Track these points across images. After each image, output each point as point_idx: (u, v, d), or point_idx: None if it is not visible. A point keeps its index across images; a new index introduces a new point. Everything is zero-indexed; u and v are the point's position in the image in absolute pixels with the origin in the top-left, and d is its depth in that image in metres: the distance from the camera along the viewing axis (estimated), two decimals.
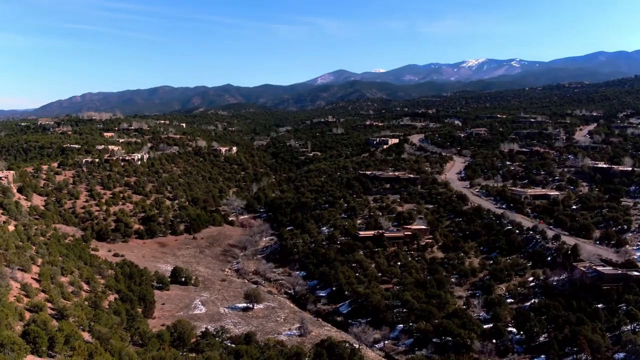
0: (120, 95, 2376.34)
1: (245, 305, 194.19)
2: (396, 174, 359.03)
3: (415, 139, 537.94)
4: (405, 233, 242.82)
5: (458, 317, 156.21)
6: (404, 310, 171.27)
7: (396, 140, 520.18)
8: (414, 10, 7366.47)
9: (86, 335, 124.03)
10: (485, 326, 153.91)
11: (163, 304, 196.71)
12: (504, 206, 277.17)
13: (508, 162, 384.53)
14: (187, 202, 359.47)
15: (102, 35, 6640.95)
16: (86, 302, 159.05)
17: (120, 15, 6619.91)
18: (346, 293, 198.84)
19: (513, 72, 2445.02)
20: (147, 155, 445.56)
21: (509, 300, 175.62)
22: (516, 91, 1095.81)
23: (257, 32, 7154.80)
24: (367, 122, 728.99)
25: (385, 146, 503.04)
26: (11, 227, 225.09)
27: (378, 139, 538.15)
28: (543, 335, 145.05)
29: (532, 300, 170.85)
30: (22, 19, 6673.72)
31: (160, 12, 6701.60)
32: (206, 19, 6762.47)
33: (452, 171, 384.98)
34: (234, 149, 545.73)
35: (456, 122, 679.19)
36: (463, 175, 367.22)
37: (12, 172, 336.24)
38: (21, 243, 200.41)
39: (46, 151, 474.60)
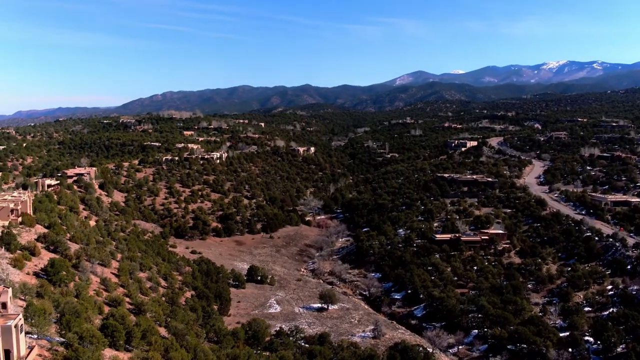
0: (200, 94, 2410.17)
1: (320, 305, 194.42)
2: (474, 177, 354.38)
3: (494, 141, 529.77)
4: (482, 237, 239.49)
5: (534, 324, 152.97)
6: (479, 315, 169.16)
7: (475, 143, 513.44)
8: (494, 10, 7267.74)
9: (163, 331, 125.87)
10: (561, 334, 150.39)
11: (239, 302, 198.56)
12: (583, 212, 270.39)
13: (588, 167, 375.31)
14: (265, 202, 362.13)
15: (183, 35, 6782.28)
16: (163, 298, 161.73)
17: (201, 16, 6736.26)
18: (421, 296, 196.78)
19: (595, 75, 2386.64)
20: (226, 154, 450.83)
21: (586, 309, 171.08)
22: (598, 94, 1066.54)
23: (336, 33, 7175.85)
24: (446, 124, 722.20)
25: (463, 149, 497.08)
26: (92, 223, 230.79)
27: (456, 141, 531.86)
28: (621, 346, 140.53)
29: (611, 310, 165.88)
30: (107, 19, 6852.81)
31: (241, 13, 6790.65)
32: (286, 19, 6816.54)
33: (531, 175, 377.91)
34: (312, 149, 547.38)
35: (536, 125, 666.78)
36: (542, 179, 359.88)
37: (94, 168, 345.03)
38: (102, 238, 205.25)
39: (127, 148, 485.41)
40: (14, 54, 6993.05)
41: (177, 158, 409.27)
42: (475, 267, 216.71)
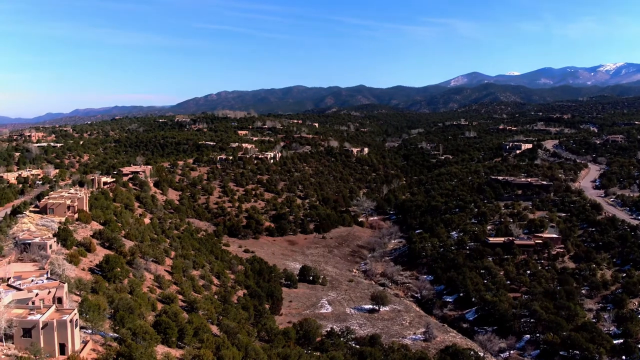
0: (254, 94, 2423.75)
1: (371, 306, 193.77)
2: (529, 180, 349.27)
3: (549, 144, 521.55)
4: (536, 241, 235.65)
5: (587, 331, 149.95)
6: (532, 320, 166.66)
7: (529, 146, 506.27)
8: (549, 11, 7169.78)
9: (214, 329, 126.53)
10: (615, 341, 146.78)
11: (290, 301, 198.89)
12: (639, 217, 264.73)
13: None
14: (318, 202, 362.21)
15: (238, 35, 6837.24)
16: (216, 296, 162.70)
17: (256, 16, 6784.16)
18: (473, 300, 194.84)
19: None
20: (280, 154, 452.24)
21: None
22: None
23: (390, 34, 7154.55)
24: (500, 126, 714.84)
25: (518, 151, 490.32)
26: (147, 220, 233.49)
27: (511, 144, 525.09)
28: None
29: None
30: (163, 19, 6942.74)
31: (295, 13, 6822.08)
32: (340, 20, 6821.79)
33: (587, 179, 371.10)
34: (366, 150, 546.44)
35: (592, 128, 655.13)
36: (598, 183, 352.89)
37: (149, 166, 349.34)
38: (156, 236, 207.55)
39: (182, 147, 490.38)
40: (72, 54, 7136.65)
41: (231, 157, 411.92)
42: (528, 271, 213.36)
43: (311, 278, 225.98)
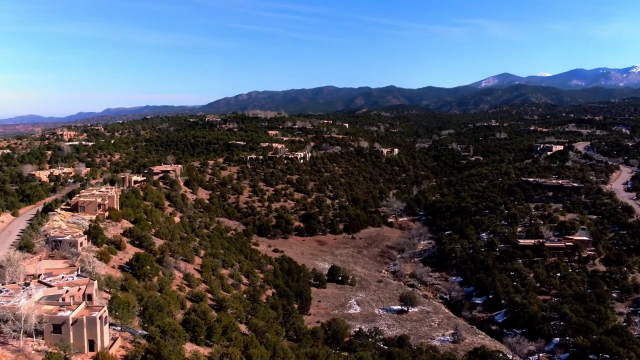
0: (285, 94, 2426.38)
1: (400, 307, 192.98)
2: (559, 181, 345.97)
3: (580, 146, 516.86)
4: (567, 243, 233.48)
5: (617, 335, 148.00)
6: (561, 323, 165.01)
7: (561, 147, 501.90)
8: (581, 12, 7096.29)
9: (243, 328, 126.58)
10: None
11: (319, 301, 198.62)
12: None
13: None
14: (348, 202, 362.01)
15: (268, 35, 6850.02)
16: (245, 295, 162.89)
17: (286, 16, 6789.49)
18: (502, 302, 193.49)
19: None
20: (310, 154, 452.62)
21: None
22: None
23: (420, 34, 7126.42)
24: (531, 128, 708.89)
25: (549, 153, 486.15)
26: (177, 219, 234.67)
27: (542, 145, 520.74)
28: None
29: None
30: (193, 19, 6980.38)
31: (326, 14, 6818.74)
32: (370, 21, 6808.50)
33: (618, 181, 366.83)
34: (396, 150, 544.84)
35: (624, 130, 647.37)
36: (630, 185, 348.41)
37: (179, 166, 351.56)
38: (186, 234, 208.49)
39: (212, 147, 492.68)
40: (105, 54, 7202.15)
41: (261, 157, 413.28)
42: (558, 274, 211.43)
43: (340, 278, 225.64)
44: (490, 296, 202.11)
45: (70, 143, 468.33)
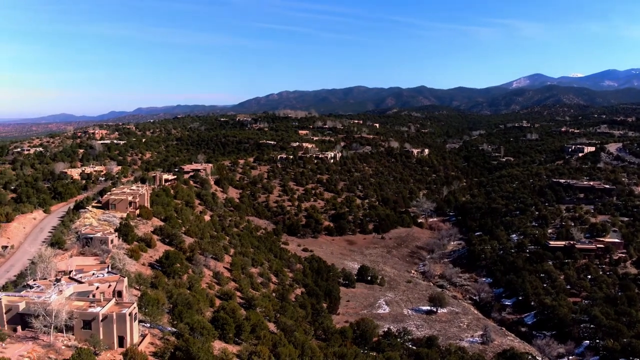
0: (315, 94, 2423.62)
1: (429, 308, 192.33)
2: (591, 183, 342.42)
3: (612, 147, 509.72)
4: (598, 245, 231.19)
5: None
6: (592, 326, 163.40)
7: (592, 149, 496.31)
8: (615, 12, 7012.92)
9: (272, 326, 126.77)
10: None
11: (348, 301, 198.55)
12: None
13: None
14: (377, 202, 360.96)
15: (299, 35, 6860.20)
16: (274, 294, 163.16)
17: (318, 16, 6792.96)
18: (532, 303, 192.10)
19: None
20: (340, 154, 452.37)
21: None
22: None
23: (451, 34, 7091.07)
24: (563, 129, 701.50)
25: (580, 154, 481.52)
26: (207, 217, 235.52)
27: (573, 147, 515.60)
28: None
29: None
30: (226, 19, 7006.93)
31: (357, 14, 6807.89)
32: (401, 21, 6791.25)
33: None
34: (426, 151, 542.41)
35: None
36: None
37: (210, 165, 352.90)
38: (216, 233, 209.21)
39: (243, 146, 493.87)
40: (137, 54, 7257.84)
41: (291, 157, 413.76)
42: (589, 276, 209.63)
43: (369, 278, 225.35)
44: (520, 298, 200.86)
45: (102, 141, 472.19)
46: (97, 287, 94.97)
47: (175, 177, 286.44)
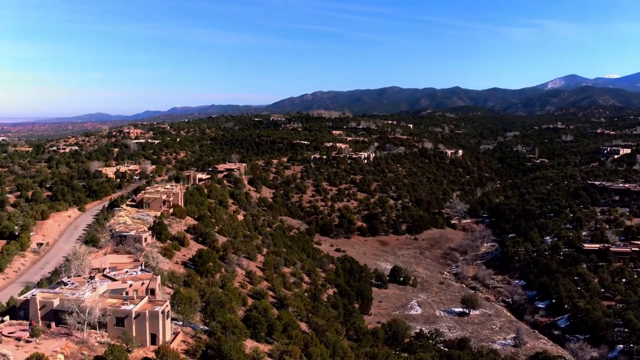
0: (349, 94, 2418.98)
1: (461, 310, 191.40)
2: (626, 185, 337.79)
3: None
4: (633, 249, 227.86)
5: None
6: (626, 330, 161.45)
7: (628, 150, 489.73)
8: None
9: (303, 326, 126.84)
10: None
11: (380, 301, 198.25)
12: None
13: None
14: (411, 203, 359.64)
15: (333, 35, 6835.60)
16: (306, 294, 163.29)
17: (352, 17, 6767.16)
18: (566, 306, 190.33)
19: None
20: (374, 155, 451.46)
21: None
22: None
23: (485, 35, 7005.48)
24: (598, 130, 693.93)
25: (616, 156, 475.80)
26: (240, 217, 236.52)
27: (609, 148, 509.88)
28: None
29: None
30: (260, 20, 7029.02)
31: (390, 14, 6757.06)
32: (435, 21, 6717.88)
33: None
34: (460, 152, 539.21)
35: None
36: None
37: (244, 164, 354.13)
38: (249, 232, 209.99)
39: (277, 146, 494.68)
40: (171, 53, 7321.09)
41: (325, 157, 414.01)
42: (623, 280, 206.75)
43: (401, 279, 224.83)
44: (553, 300, 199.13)
45: (136, 141, 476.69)
46: (131, 285, 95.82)
47: (209, 176, 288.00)
